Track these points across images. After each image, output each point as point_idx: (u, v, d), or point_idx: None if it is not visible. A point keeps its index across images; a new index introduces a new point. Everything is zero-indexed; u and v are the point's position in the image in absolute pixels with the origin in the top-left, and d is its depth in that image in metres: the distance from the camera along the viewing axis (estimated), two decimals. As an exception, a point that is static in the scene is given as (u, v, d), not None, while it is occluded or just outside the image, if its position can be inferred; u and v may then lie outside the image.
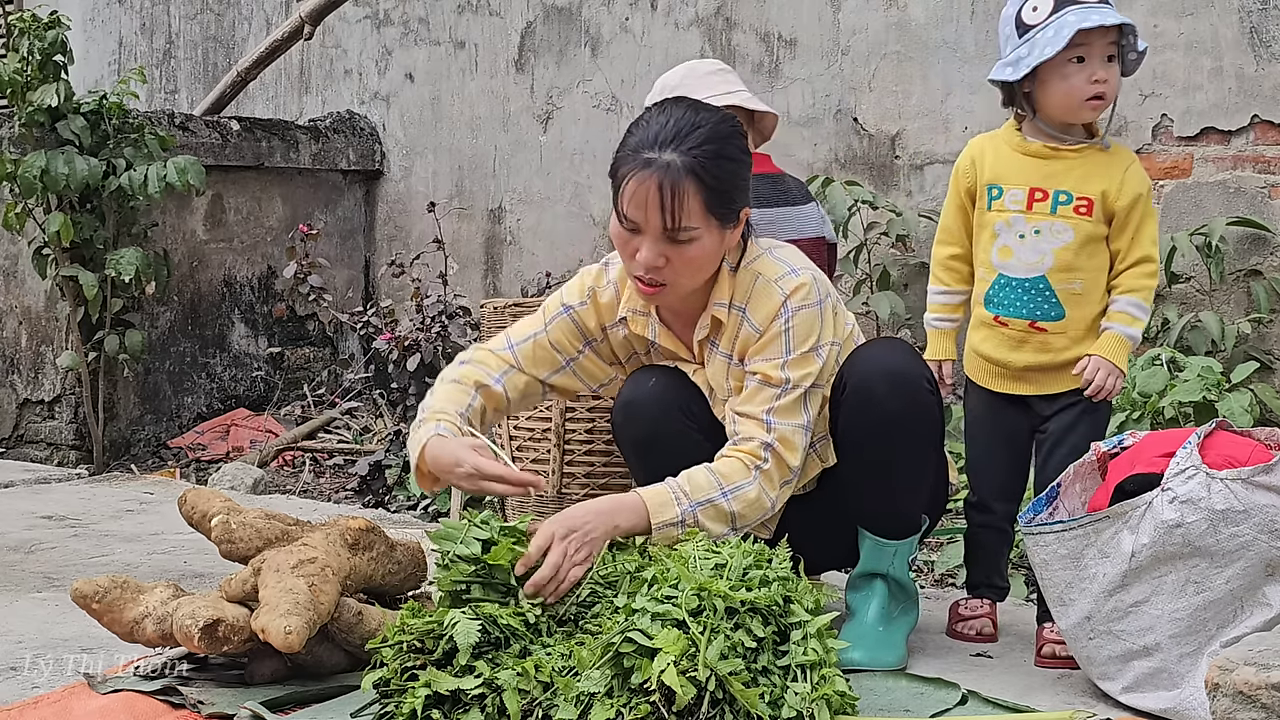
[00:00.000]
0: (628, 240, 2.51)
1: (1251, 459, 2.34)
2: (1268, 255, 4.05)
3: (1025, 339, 2.76)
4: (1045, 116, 2.76)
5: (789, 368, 2.55)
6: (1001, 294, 2.77)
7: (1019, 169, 2.77)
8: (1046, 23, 2.68)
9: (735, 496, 2.49)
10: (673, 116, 2.51)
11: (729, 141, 2.53)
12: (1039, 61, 2.67)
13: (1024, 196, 2.75)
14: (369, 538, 2.54)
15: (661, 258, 2.48)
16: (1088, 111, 2.73)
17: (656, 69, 5.22)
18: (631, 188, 2.46)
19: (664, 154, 2.46)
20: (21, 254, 5.29)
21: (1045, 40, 2.67)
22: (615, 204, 2.52)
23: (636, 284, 2.55)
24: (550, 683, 2.13)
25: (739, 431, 2.57)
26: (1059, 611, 2.49)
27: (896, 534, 2.70)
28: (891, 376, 2.58)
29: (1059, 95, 2.71)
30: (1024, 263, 2.74)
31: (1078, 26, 2.65)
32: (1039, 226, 2.74)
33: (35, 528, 4.02)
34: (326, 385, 5.85)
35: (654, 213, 2.45)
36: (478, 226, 5.82)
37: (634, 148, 2.50)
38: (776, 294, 2.57)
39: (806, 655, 2.13)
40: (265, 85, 6.40)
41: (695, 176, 2.45)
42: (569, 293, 2.74)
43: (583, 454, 3.31)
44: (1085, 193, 2.73)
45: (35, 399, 5.36)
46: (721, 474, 2.50)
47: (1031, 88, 2.74)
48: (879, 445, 2.59)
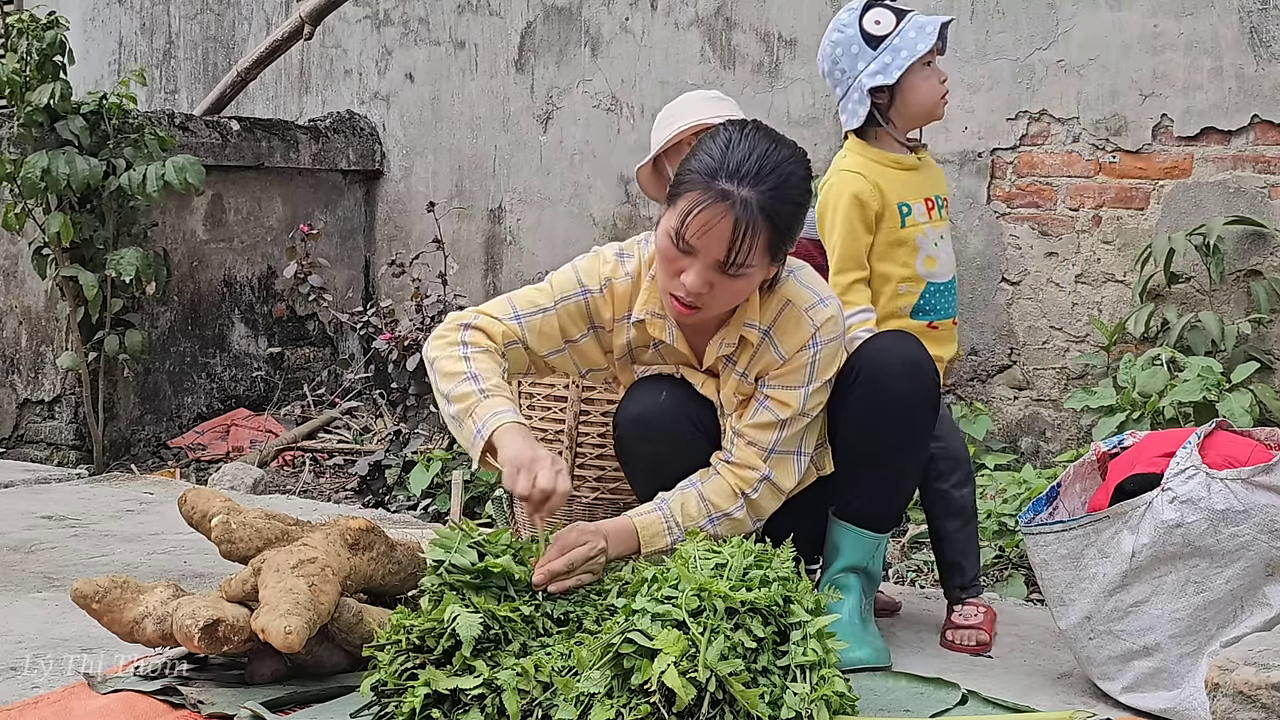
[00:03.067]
0: (675, 259, 2.45)
1: (1251, 459, 2.34)
2: (1267, 255, 4.05)
3: (948, 335, 2.95)
4: (905, 123, 2.91)
5: (808, 397, 2.57)
6: (933, 300, 2.91)
7: (907, 184, 2.91)
8: (900, 29, 2.84)
9: (721, 522, 2.55)
10: (756, 149, 2.42)
11: (803, 183, 2.49)
12: (915, 58, 2.81)
13: (924, 208, 2.91)
14: (369, 538, 2.54)
15: (707, 285, 2.44)
16: (942, 108, 2.91)
17: (656, 69, 5.22)
18: (702, 216, 2.39)
19: (741, 189, 2.39)
20: (21, 254, 5.29)
21: (910, 40, 2.83)
22: (677, 221, 2.41)
23: (671, 301, 2.50)
24: (550, 683, 2.13)
25: (735, 454, 2.58)
26: (1059, 611, 2.49)
27: (884, 526, 2.71)
28: (906, 363, 2.61)
29: (922, 95, 2.86)
30: (945, 267, 2.93)
31: (940, 22, 2.84)
32: (941, 232, 2.94)
33: (35, 528, 4.02)
34: (326, 385, 5.85)
35: (718, 246, 2.40)
36: (478, 226, 5.82)
37: (709, 172, 2.41)
38: (807, 325, 2.56)
39: (806, 655, 2.13)
40: (265, 85, 6.40)
41: (768, 219, 2.40)
42: (585, 275, 2.65)
43: (594, 458, 3.30)
44: (943, 194, 2.98)
45: (35, 399, 5.36)
46: (712, 502, 2.55)
47: (885, 99, 2.87)
48: (887, 430, 2.60)
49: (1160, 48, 4.22)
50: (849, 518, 2.70)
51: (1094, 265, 4.36)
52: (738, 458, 2.58)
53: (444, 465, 4.49)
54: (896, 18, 2.86)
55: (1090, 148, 4.35)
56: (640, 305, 2.61)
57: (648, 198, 3.37)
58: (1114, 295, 4.32)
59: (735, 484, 2.56)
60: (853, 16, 2.88)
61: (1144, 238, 4.21)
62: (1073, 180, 4.40)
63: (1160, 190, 4.23)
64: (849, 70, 2.86)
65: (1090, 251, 4.36)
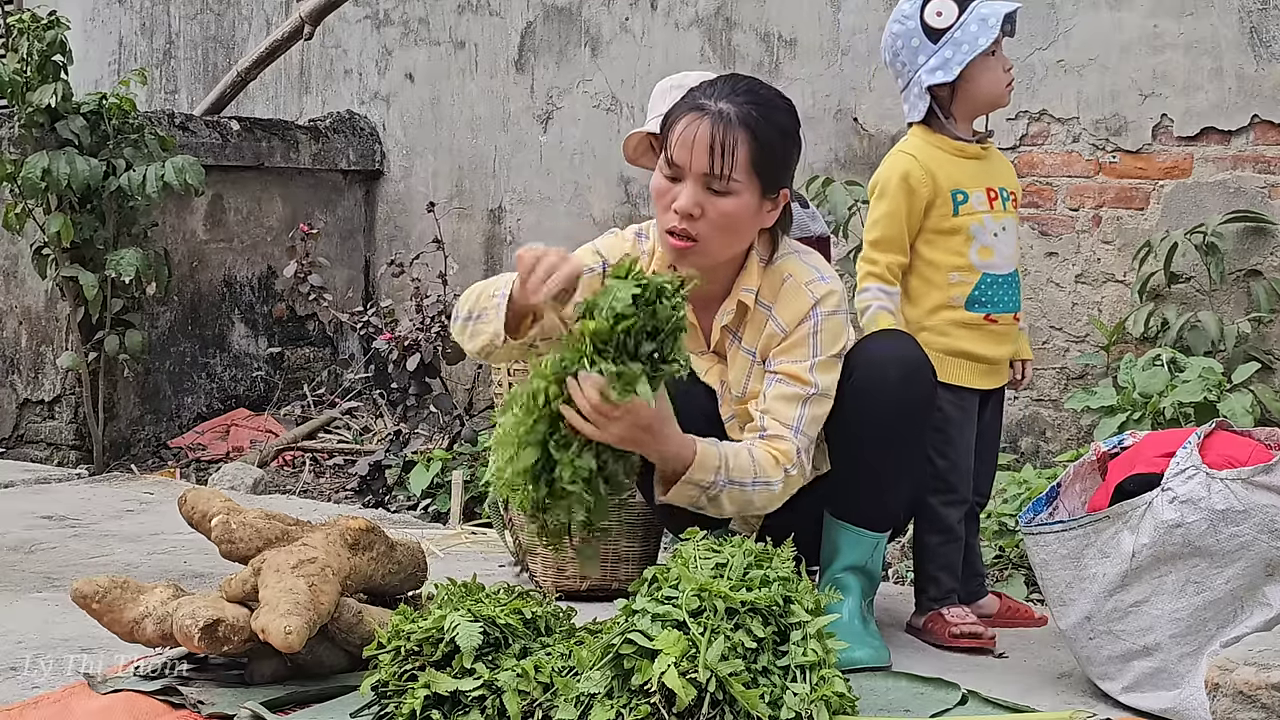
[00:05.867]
0: (667, 190, 2.54)
1: (1251, 459, 2.34)
2: (1268, 255, 4.05)
3: (1008, 331, 2.90)
4: (968, 113, 2.87)
5: (818, 370, 2.58)
6: (989, 292, 2.85)
7: (967, 172, 2.86)
8: (961, 21, 2.79)
9: (759, 489, 2.54)
10: (735, 81, 2.59)
11: (786, 114, 2.60)
12: (977, 52, 2.77)
13: (984, 197, 2.86)
14: (369, 538, 2.54)
15: (698, 206, 2.50)
16: (1008, 96, 2.88)
17: (656, 69, 5.22)
18: (681, 128, 2.52)
19: (719, 103, 2.52)
20: (21, 254, 5.29)
21: (972, 34, 2.78)
22: (663, 149, 2.55)
23: (667, 240, 2.56)
24: (550, 683, 2.13)
25: (768, 428, 2.57)
26: (1059, 611, 2.49)
27: (882, 525, 2.71)
28: (904, 363, 2.62)
29: (987, 86, 2.83)
30: (1005, 259, 2.86)
31: (1004, 12, 2.79)
32: (1003, 224, 2.87)
33: (35, 528, 4.02)
34: (326, 385, 5.85)
35: (701, 154, 2.49)
36: (478, 226, 5.82)
37: (688, 99, 2.57)
38: (806, 297, 2.60)
39: (806, 656, 2.13)
40: (265, 85, 6.40)
41: (747, 128, 2.50)
42: (606, 249, 2.70)
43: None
44: (1013, 187, 2.92)
45: (35, 399, 5.35)
46: (760, 465, 2.53)
47: (946, 93, 2.83)
48: (883, 428, 2.60)
49: (1160, 48, 4.22)
50: (846, 517, 2.70)
51: (1094, 265, 4.36)
52: (770, 430, 2.58)
53: (444, 465, 4.49)
54: (959, 8, 2.80)
55: (1090, 148, 4.35)
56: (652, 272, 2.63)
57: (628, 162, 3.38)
58: (1114, 295, 4.32)
59: (777, 455, 2.56)
60: (914, 7, 2.83)
61: (1144, 238, 4.21)
62: (1073, 180, 4.39)
63: (1160, 190, 4.23)
64: (909, 64, 2.83)
65: (1090, 251, 4.36)
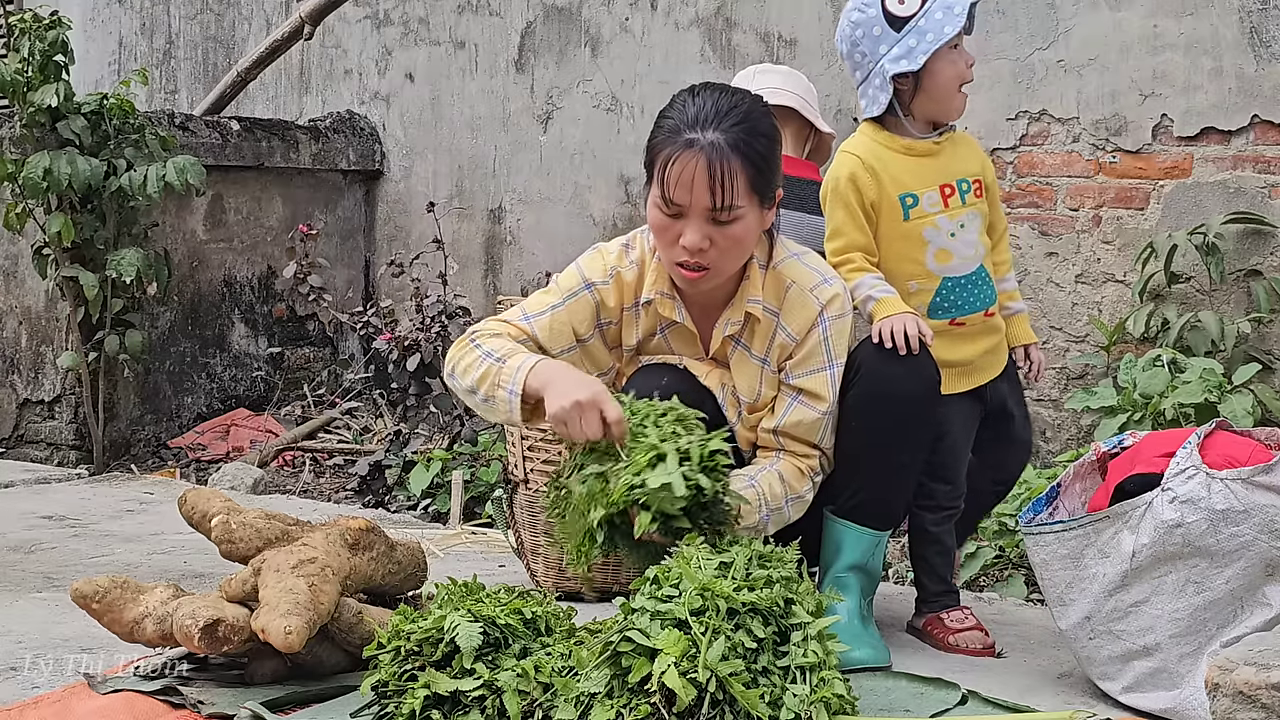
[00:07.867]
0: (669, 226, 2.52)
1: (1251, 459, 2.33)
2: (1268, 255, 4.05)
3: (980, 329, 2.80)
4: (927, 109, 2.75)
5: (835, 384, 2.61)
6: (951, 296, 2.76)
7: (917, 171, 2.75)
8: (925, 9, 2.69)
9: (793, 504, 2.61)
10: (707, 99, 2.52)
11: (764, 119, 2.56)
12: (943, 41, 2.67)
13: (937, 196, 2.75)
14: (369, 538, 2.54)
15: (706, 240, 2.49)
16: (962, 106, 2.76)
17: (656, 69, 5.23)
18: (677, 169, 2.47)
19: (706, 134, 2.47)
20: (22, 254, 5.30)
21: (937, 22, 2.68)
22: (658, 187, 2.51)
23: (678, 272, 2.55)
24: (550, 683, 2.13)
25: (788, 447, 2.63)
26: (1059, 611, 2.49)
27: (883, 524, 2.71)
28: (907, 360, 2.61)
29: (947, 79, 2.72)
30: (964, 259, 2.76)
31: (969, 2, 2.69)
32: (962, 220, 2.76)
33: (35, 528, 4.02)
34: (326, 385, 5.85)
35: (702, 192, 2.46)
36: (478, 226, 5.82)
37: (671, 130, 2.51)
38: (812, 303, 2.60)
39: (806, 657, 2.13)
40: (265, 85, 6.40)
41: (741, 154, 2.47)
42: (590, 269, 2.67)
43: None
44: (973, 174, 2.80)
45: (35, 399, 5.36)
46: (790, 484, 2.60)
47: (909, 86, 2.73)
48: (886, 427, 2.60)
49: (1160, 48, 4.22)
50: (848, 515, 2.70)
51: (1094, 265, 4.36)
52: (790, 448, 2.63)
53: (444, 465, 4.49)
54: None
55: (1090, 148, 4.35)
56: (649, 286, 2.64)
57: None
58: (1114, 295, 4.32)
59: (802, 466, 2.62)
60: None
61: (1144, 238, 4.21)
62: (1073, 180, 4.40)
63: (1160, 190, 4.23)
64: (870, 54, 2.73)
65: (1090, 251, 4.36)
